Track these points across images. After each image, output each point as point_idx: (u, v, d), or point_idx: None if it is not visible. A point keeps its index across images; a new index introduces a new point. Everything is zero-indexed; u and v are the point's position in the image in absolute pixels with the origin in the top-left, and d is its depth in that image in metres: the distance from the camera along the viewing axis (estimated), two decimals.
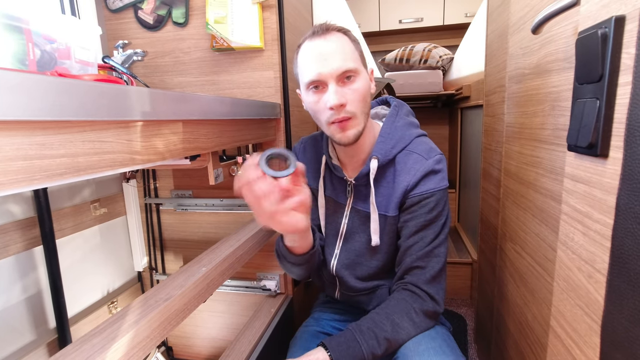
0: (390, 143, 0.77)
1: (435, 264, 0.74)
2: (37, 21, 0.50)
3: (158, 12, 1.14)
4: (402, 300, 0.74)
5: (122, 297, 1.24)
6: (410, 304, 0.73)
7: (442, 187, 0.74)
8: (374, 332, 0.70)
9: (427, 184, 0.74)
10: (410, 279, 0.75)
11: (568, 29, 0.56)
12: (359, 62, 0.72)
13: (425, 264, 0.74)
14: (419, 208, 0.74)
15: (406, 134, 0.78)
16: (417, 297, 0.73)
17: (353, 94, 0.70)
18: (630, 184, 0.31)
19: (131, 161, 0.51)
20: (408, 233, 0.75)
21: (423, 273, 0.74)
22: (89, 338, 0.53)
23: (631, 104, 0.32)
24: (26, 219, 0.90)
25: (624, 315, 0.32)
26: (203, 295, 0.72)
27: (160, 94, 0.55)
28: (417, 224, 0.74)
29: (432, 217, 0.74)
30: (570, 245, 0.44)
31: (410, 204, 0.75)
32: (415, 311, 0.72)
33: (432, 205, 0.74)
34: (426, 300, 0.73)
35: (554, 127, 0.63)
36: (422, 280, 0.74)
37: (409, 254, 0.75)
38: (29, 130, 0.36)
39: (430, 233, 0.74)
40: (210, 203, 1.22)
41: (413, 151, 0.76)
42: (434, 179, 0.74)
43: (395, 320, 0.71)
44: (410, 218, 0.75)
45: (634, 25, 0.32)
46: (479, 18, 1.76)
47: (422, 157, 0.75)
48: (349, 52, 0.70)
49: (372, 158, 0.76)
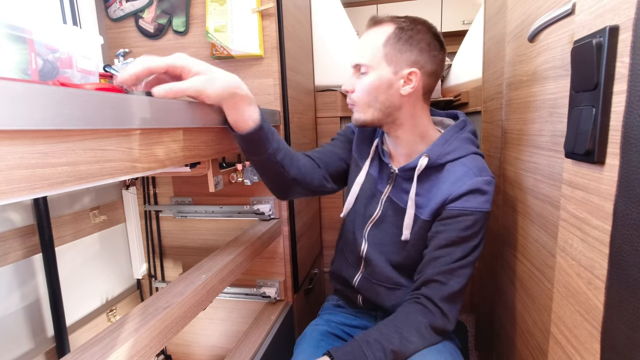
0: (446, 149, 0.76)
1: (456, 283, 0.72)
2: (39, 31, 0.51)
3: (159, 21, 1.15)
4: (412, 314, 0.72)
5: (121, 304, 1.24)
6: (420, 319, 0.72)
7: (484, 209, 0.72)
8: (381, 344, 0.69)
9: (470, 201, 0.72)
10: (426, 292, 0.73)
11: (564, 37, 0.57)
12: (378, 58, 0.74)
13: (446, 281, 0.72)
14: (454, 222, 0.72)
15: (464, 147, 0.77)
16: (429, 312, 0.72)
17: (359, 85, 0.77)
18: (627, 190, 0.32)
19: (132, 169, 0.52)
20: (436, 245, 0.74)
21: (441, 289, 0.72)
22: (87, 347, 0.52)
23: (626, 111, 0.32)
24: (25, 226, 0.90)
25: (624, 322, 0.33)
26: (203, 303, 0.72)
27: (161, 102, 0.55)
28: (447, 238, 0.73)
29: (465, 236, 0.72)
30: (569, 252, 0.45)
31: (446, 216, 0.73)
32: (425, 326, 0.71)
33: (468, 223, 0.71)
34: (437, 317, 0.72)
35: (552, 133, 0.63)
36: (439, 296, 0.72)
37: (432, 266, 0.73)
38: (31, 139, 0.36)
39: (459, 251, 0.72)
40: (210, 210, 1.22)
41: (466, 164, 0.75)
42: (478, 199, 0.72)
43: (404, 334, 0.70)
44: (443, 230, 0.73)
45: (628, 35, 0.32)
46: (476, 25, 1.78)
47: (472, 172, 0.73)
48: (372, 48, 0.75)
49: (423, 155, 0.76)
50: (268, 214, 1.15)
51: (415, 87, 0.75)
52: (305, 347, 0.82)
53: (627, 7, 0.32)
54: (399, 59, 0.74)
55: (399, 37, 0.74)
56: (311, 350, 0.81)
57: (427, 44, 0.75)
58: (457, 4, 2.90)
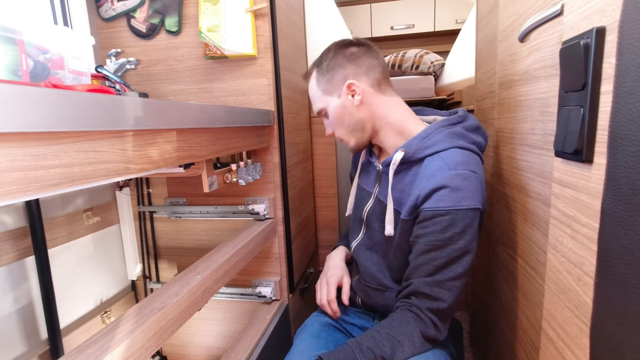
0: (426, 143, 0.73)
1: (448, 297, 0.69)
2: (30, 32, 0.51)
3: (151, 21, 1.15)
4: (405, 322, 0.72)
5: (116, 306, 1.23)
6: (413, 327, 0.71)
7: (460, 207, 0.66)
8: (374, 352, 0.69)
9: (444, 200, 0.67)
10: (417, 303, 0.72)
11: (554, 37, 0.58)
12: (322, 98, 0.83)
13: (436, 295, 0.69)
14: (431, 224, 0.68)
15: (448, 141, 0.73)
16: (421, 321, 0.71)
17: (330, 124, 0.86)
18: (614, 189, 0.32)
19: (125, 170, 0.51)
20: (418, 251, 0.72)
21: (432, 303, 0.70)
22: (82, 349, 0.52)
23: (613, 111, 0.33)
24: (17, 228, 0.89)
25: (612, 317, 0.33)
26: (198, 304, 0.72)
27: (154, 103, 0.55)
28: (427, 242, 0.69)
29: (445, 238, 0.67)
30: (560, 249, 0.45)
31: (422, 218, 0.70)
32: (417, 335, 0.71)
33: (445, 224, 0.67)
34: (429, 327, 0.71)
35: (543, 132, 0.64)
36: (429, 309, 0.71)
37: (418, 275, 0.72)
38: (23, 142, 0.36)
39: (441, 256, 0.68)
40: (205, 210, 1.22)
41: (443, 159, 0.70)
42: (452, 195, 0.66)
43: (395, 343, 0.70)
44: (422, 234, 0.71)
45: (614, 37, 0.33)
46: (469, 25, 1.79)
47: (447, 166, 0.68)
48: (314, 95, 0.85)
49: (399, 150, 0.76)
50: (263, 214, 1.15)
51: (362, 91, 0.79)
52: (306, 337, 0.83)
53: (613, 9, 0.33)
54: (332, 86, 0.81)
55: (320, 72, 0.83)
56: (311, 339, 0.82)
57: (342, 57, 0.80)
58: (450, 3, 2.92)
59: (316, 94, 0.84)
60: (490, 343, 1.03)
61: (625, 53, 0.31)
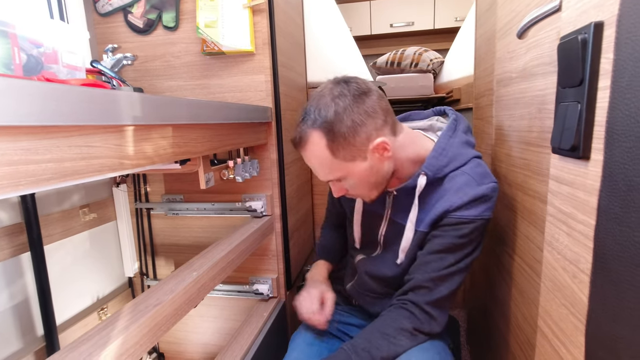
0: (444, 160, 0.72)
1: (445, 289, 0.71)
2: (23, 25, 0.50)
3: (148, 16, 1.14)
4: (398, 319, 0.72)
5: (113, 303, 1.23)
6: (406, 324, 0.71)
7: (484, 217, 0.69)
8: (370, 353, 0.69)
9: (470, 210, 0.68)
10: (413, 298, 0.73)
11: (552, 34, 0.58)
12: (341, 167, 0.68)
13: (434, 287, 0.71)
14: (451, 230, 0.70)
15: (462, 153, 0.73)
16: (415, 317, 0.72)
17: (348, 186, 0.73)
18: (610, 185, 0.32)
19: (120, 166, 0.51)
20: (430, 249, 0.72)
21: (430, 294, 0.71)
22: (76, 345, 0.52)
23: (610, 107, 0.32)
24: (13, 225, 0.89)
25: (607, 315, 0.33)
26: (194, 300, 0.72)
27: (149, 98, 0.54)
28: (442, 244, 0.70)
29: (461, 243, 0.70)
30: (556, 246, 0.45)
31: (445, 223, 0.71)
32: (411, 331, 0.71)
33: (466, 231, 0.69)
34: (424, 322, 0.71)
35: (541, 129, 0.64)
36: (425, 301, 0.71)
37: (423, 271, 0.72)
38: (13, 136, 0.36)
39: (452, 257, 0.70)
40: (202, 207, 1.21)
41: (467, 172, 0.71)
42: (479, 207, 0.69)
43: (391, 340, 0.70)
44: (439, 235, 0.71)
45: (612, 31, 0.32)
46: (468, 22, 1.79)
47: (475, 181, 0.70)
48: (329, 166, 0.68)
49: (421, 174, 0.71)
50: (260, 211, 1.14)
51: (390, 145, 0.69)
52: (300, 343, 0.84)
53: (611, 4, 0.33)
54: (355, 150, 0.67)
55: (334, 138, 0.65)
56: (305, 346, 0.82)
57: (359, 113, 0.66)
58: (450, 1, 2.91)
59: (332, 164, 0.68)
60: (488, 341, 1.03)
61: (622, 48, 0.31)
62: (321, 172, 0.71)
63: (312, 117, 0.66)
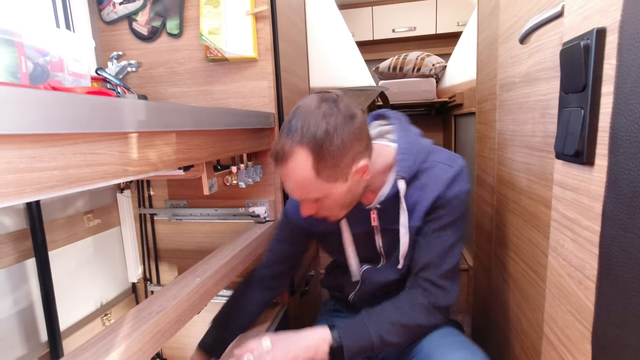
0: (412, 159, 0.74)
1: (450, 261, 0.74)
2: (29, 34, 0.51)
3: (152, 24, 1.15)
4: (413, 295, 0.75)
5: (116, 308, 1.23)
6: (422, 299, 0.74)
7: (466, 190, 0.75)
8: (386, 317, 0.71)
9: (454, 189, 0.74)
10: (424, 275, 0.75)
11: (555, 39, 0.58)
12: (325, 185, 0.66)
13: (441, 262, 0.74)
14: (444, 211, 0.74)
15: (423, 146, 0.77)
16: (429, 293, 0.74)
17: (320, 208, 0.71)
18: (615, 191, 0.32)
19: (124, 173, 0.51)
20: (427, 232, 0.75)
21: (438, 269, 0.74)
22: (80, 352, 0.52)
23: (613, 113, 0.32)
24: (18, 230, 0.90)
25: (613, 322, 0.33)
26: (197, 307, 0.72)
27: (153, 105, 0.55)
28: (439, 225, 0.75)
29: (454, 219, 0.75)
30: (561, 252, 0.45)
31: (436, 207, 0.74)
32: (427, 306, 0.73)
33: (455, 206, 0.74)
34: (438, 296, 0.73)
35: (544, 134, 0.63)
36: (436, 274, 0.74)
37: (426, 252, 0.75)
38: (19, 144, 0.36)
39: (449, 232, 0.75)
40: (205, 213, 1.22)
41: (438, 161, 0.76)
42: (460, 183, 0.74)
43: (406, 310, 0.72)
44: (434, 219, 0.75)
45: (615, 37, 0.32)
46: (471, 27, 1.79)
47: (447, 165, 0.75)
48: (309, 186, 0.65)
49: (398, 179, 0.73)
50: (263, 217, 1.14)
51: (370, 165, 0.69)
52: None
53: (614, 10, 0.33)
54: (339, 171, 0.66)
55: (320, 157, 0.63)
56: None
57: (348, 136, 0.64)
58: (452, 6, 2.92)
59: (313, 184, 0.65)
60: (492, 346, 1.02)
61: (625, 54, 0.31)
62: (298, 192, 0.68)
63: (300, 132, 0.62)
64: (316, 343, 0.70)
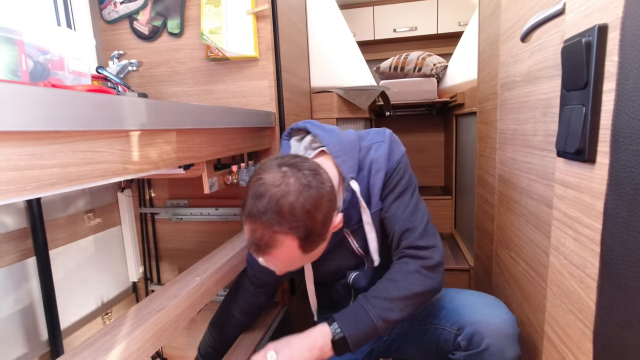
0: (349, 156, 0.75)
1: (421, 218, 0.76)
2: (30, 33, 0.51)
3: (153, 23, 1.15)
4: (402, 264, 0.74)
5: (117, 308, 1.23)
6: (413, 265, 0.73)
7: (402, 153, 0.78)
8: (382, 296, 0.70)
9: (393, 157, 0.77)
10: (404, 244, 0.76)
11: (556, 37, 0.57)
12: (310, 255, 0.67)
13: (413, 224, 0.75)
14: (393, 180, 0.77)
15: (350, 139, 0.78)
16: (416, 258, 0.73)
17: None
18: (617, 189, 0.32)
19: (124, 171, 0.51)
20: (388, 203, 0.77)
21: (415, 231, 0.75)
22: (80, 350, 0.52)
23: (615, 110, 0.32)
24: (19, 229, 0.90)
25: (615, 321, 0.33)
26: (197, 305, 0.72)
27: (153, 103, 0.55)
28: (395, 194, 0.77)
29: (406, 182, 0.77)
30: (562, 251, 0.45)
31: (385, 180, 0.77)
32: (419, 270, 0.72)
33: (401, 172, 0.77)
34: (425, 258, 0.73)
35: (546, 133, 0.63)
36: (414, 237, 0.74)
37: (397, 222, 0.76)
38: (19, 141, 0.36)
39: (408, 196, 0.77)
40: (206, 212, 1.22)
41: (369, 144, 0.78)
42: (395, 150, 0.78)
43: (401, 281, 0.71)
44: (390, 190, 0.77)
45: (616, 34, 0.32)
46: (472, 27, 1.79)
47: (379, 142, 0.78)
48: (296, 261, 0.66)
49: (349, 181, 0.72)
50: None
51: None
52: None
53: (615, 6, 0.32)
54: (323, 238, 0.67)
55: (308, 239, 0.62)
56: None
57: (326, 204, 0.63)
58: (453, 6, 2.91)
59: (300, 260, 0.66)
60: None
61: (627, 50, 0.31)
62: (284, 268, 0.67)
63: (277, 219, 0.58)
64: (319, 342, 0.69)
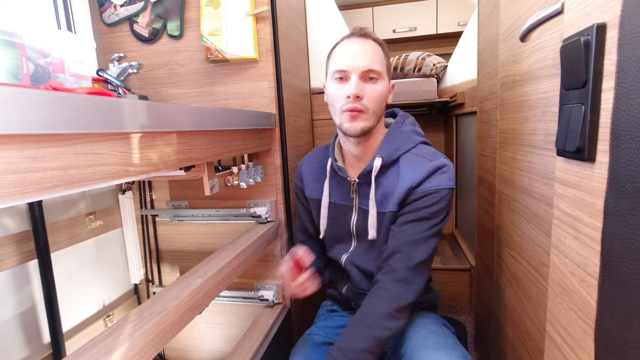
0: (395, 145, 0.81)
1: (422, 253, 0.75)
2: (30, 36, 0.51)
3: (153, 26, 1.15)
4: (376, 305, 0.74)
5: (118, 310, 1.23)
6: (385, 308, 0.73)
7: (448, 186, 0.76)
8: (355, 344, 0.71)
9: (433, 181, 0.76)
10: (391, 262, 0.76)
11: (555, 37, 0.58)
12: (385, 69, 0.79)
13: (412, 251, 0.75)
14: (420, 203, 0.76)
15: (411, 139, 0.83)
16: (392, 295, 0.74)
17: (371, 91, 0.77)
18: (617, 187, 0.32)
19: (125, 173, 0.51)
20: (404, 221, 0.77)
21: (408, 258, 0.75)
22: (82, 352, 0.52)
23: (614, 109, 0.32)
24: (20, 232, 0.90)
25: (616, 319, 0.33)
26: (199, 307, 0.72)
27: (153, 105, 0.55)
28: (415, 215, 0.76)
29: (432, 212, 0.76)
30: (563, 250, 0.45)
31: (413, 199, 0.77)
32: (390, 313, 0.73)
33: (434, 201, 0.75)
34: (401, 296, 0.74)
35: (545, 132, 0.63)
36: (405, 264, 0.75)
37: (400, 238, 0.76)
38: (20, 144, 0.36)
39: (425, 224, 0.76)
40: (207, 214, 1.22)
41: (418, 154, 0.80)
42: (440, 177, 0.76)
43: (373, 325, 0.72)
44: (410, 210, 0.77)
45: (615, 33, 0.32)
46: (471, 27, 1.79)
47: (427, 159, 0.79)
48: (379, 58, 0.78)
49: (377, 156, 0.80)
50: (265, 217, 1.14)
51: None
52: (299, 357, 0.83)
53: (613, 5, 0.33)
54: (387, 70, 0.81)
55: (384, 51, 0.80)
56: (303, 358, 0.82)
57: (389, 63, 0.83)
58: (452, 6, 2.92)
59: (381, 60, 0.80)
60: (495, 346, 1.01)
61: (626, 49, 0.31)
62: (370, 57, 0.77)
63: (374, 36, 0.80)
64: None
